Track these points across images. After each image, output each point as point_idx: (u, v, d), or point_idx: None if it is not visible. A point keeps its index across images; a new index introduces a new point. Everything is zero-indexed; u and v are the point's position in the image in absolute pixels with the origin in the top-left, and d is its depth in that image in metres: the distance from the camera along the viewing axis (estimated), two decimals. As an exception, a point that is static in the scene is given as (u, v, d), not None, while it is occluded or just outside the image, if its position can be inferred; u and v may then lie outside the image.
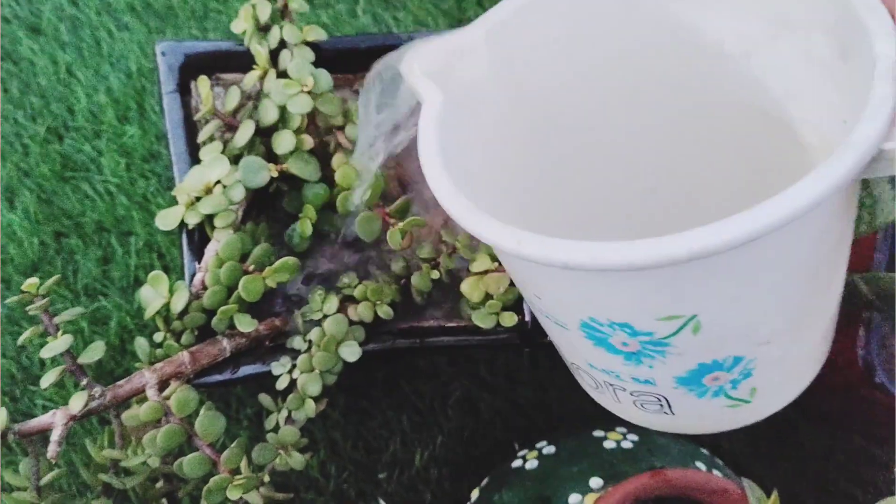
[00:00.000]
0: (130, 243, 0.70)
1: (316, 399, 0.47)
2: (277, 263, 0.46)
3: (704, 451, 0.63)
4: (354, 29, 0.82)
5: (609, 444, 0.61)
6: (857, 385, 0.62)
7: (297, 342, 0.48)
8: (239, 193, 0.47)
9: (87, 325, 0.68)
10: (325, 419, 0.70)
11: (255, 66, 0.50)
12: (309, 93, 0.49)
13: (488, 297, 0.53)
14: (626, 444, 0.61)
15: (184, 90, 0.52)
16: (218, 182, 0.47)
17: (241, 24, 0.51)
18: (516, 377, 0.75)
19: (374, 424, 0.70)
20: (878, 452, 0.75)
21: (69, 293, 0.69)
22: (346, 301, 0.51)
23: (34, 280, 0.44)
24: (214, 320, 0.46)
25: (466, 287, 0.53)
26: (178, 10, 0.78)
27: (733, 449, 0.77)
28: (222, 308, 0.45)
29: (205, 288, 0.46)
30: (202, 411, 0.42)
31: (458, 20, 0.85)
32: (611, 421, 0.68)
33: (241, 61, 0.53)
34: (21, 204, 0.70)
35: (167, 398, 0.43)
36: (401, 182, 0.56)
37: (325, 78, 0.49)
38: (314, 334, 0.47)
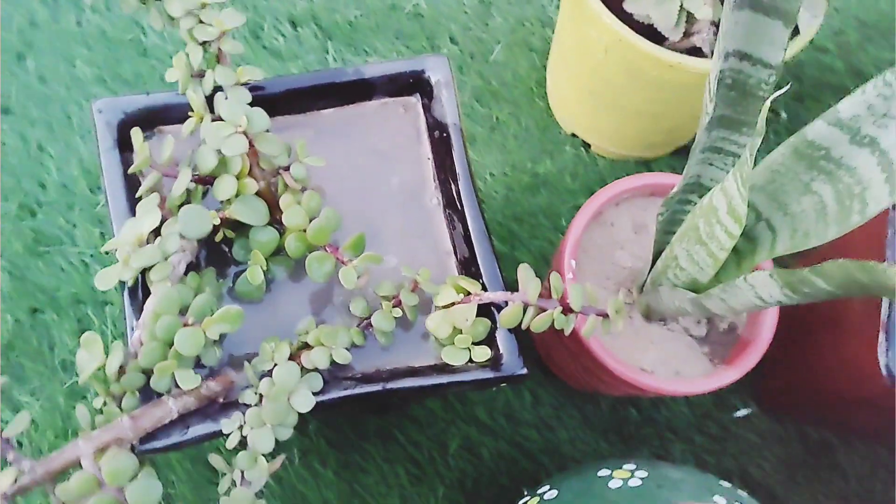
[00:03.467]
0: (106, 313, 0.69)
1: (269, 456, 0.43)
2: (218, 314, 0.43)
3: (725, 483, 0.57)
4: (325, 76, 0.81)
5: (615, 484, 0.56)
6: (884, 396, 0.56)
7: (248, 396, 0.45)
8: (174, 244, 0.44)
9: (65, 400, 0.66)
10: (317, 478, 0.66)
11: (191, 114, 0.49)
12: (245, 133, 0.46)
13: (457, 331, 0.49)
14: (634, 482, 0.56)
15: (124, 146, 0.50)
16: (155, 235, 0.45)
17: (174, 73, 0.50)
18: (518, 418, 0.70)
19: (369, 481, 0.66)
20: (924, 467, 0.69)
21: (45, 368, 0.67)
22: (303, 348, 0.48)
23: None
24: (153, 379, 0.43)
25: (432, 323, 0.49)
26: (147, 76, 0.78)
27: (766, 478, 0.71)
28: (159, 365, 0.42)
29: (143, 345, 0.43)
30: (138, 479, 0.39)
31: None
32: (620, 458, 0.63)
33: (181, 112, 0.51)
34: (-6, 283, 0.69)
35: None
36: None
37: (259, 116, 0.47)
38: (264, 386, 0.44)
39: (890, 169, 0.43)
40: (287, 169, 0.50)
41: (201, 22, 0.50)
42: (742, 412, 0.72)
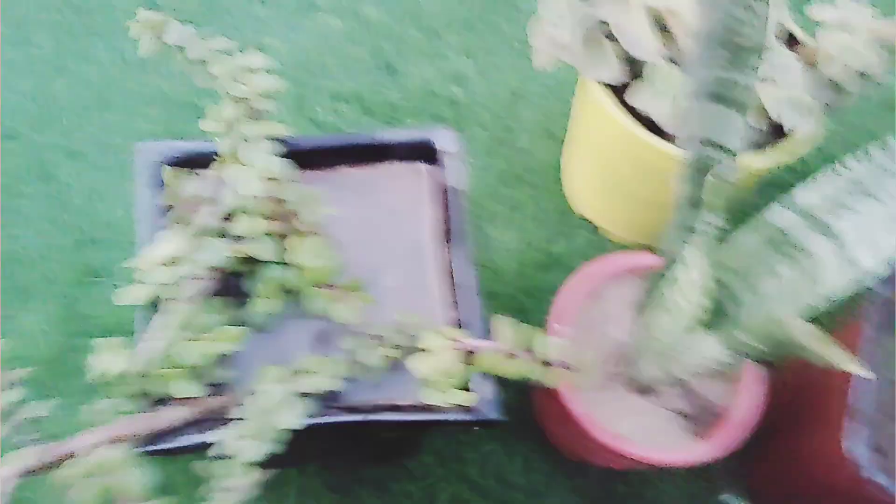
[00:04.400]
0: (136, 343, 0.75)
1: (252, 467, 0.47)
2: (218, 332, 0.48)
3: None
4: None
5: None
6: (850, 484, 0.57)
7: (239, 412, 0.49)
8: (188, 269, 0.50)
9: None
10: (310, 520, 0.69)
11: (219, 158, 0.55)
12: (264, 178, 0.53)
13: (439, 375, 0.53)
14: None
15: (158, 184, 0.57)
16: (174, 261, 0.51)
17: (209, 123, 0.57)
18: (508, 480, 0.72)
19: (358, 527, 0.69)
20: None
21: (76, 389, 0.72)
22: (296, 375, 0.52)
23: None
24: (153, 385, 0.48)
25: (416, 365, 0.53)
26: (199, 134, 0.86)
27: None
28: (159, 372, 0.47)
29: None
30: (124, 471, 0.43)
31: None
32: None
33: (212, 157, 0.58)
34: (43, 307, 0.76)
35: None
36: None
37: (278, 164, 0.53)
38: (253, 403, 0.49)
39: (842, 254, 0.47)
40: (301, 214, 0.56)
41: (238, 81, 0.57)
42: (726, 496, 0.72)
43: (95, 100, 0.87)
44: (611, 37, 0.68)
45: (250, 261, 0.55)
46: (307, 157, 0.61)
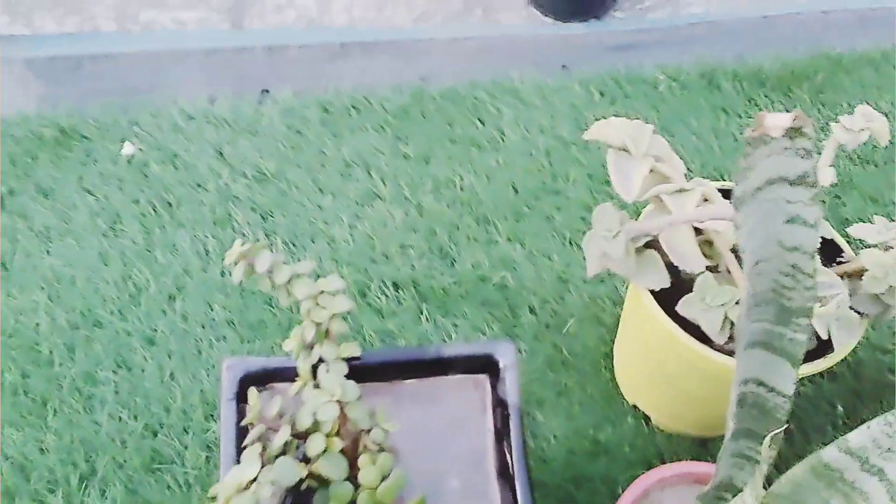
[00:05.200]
0: (197, 532, 0.77)
1: None
2: (292, 557, 0.51)
3: None
4: (417, 335, 0.92)
5: None
6: None
7: None
8: (267, 492, 0.53)
9: None
10: None
11: (297, 378, 0.60)
12: (338, 401, 0.57)
13: None
14: None
15: (241, 398, 0.62)
16: (253, 481, 0.54)
17: (290, 344, 0.62)
18: None
19: None
20: None
21: (137, 580, 0.74)
22: None
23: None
24: None
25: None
26: (269, 323, 0.92)
27: None
28: None
29: (228, 580, 0.51)
30: None
31: (513, 326, 0.94)
32: None
33: (290, 374, 0.62)
34: (111, 494, 0.79)
35: None
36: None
37: (351, 389, 0.57)
38: None
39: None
40: (369, 431, 0.59)
41: (317, 304, 0.62)
42: None
43: (174, 287, 0.94)
44: (659, 249, 0.72)
45: (321, 478, 0.58)
46: (375, 371, 0.65)
